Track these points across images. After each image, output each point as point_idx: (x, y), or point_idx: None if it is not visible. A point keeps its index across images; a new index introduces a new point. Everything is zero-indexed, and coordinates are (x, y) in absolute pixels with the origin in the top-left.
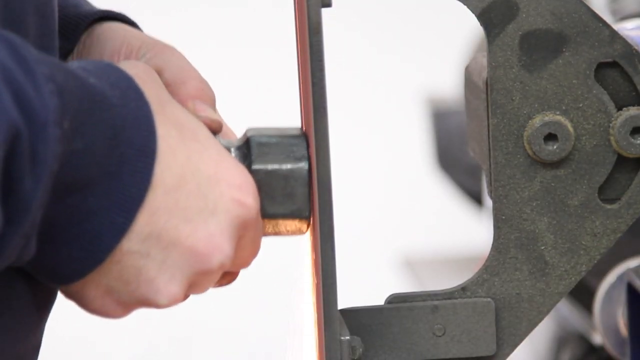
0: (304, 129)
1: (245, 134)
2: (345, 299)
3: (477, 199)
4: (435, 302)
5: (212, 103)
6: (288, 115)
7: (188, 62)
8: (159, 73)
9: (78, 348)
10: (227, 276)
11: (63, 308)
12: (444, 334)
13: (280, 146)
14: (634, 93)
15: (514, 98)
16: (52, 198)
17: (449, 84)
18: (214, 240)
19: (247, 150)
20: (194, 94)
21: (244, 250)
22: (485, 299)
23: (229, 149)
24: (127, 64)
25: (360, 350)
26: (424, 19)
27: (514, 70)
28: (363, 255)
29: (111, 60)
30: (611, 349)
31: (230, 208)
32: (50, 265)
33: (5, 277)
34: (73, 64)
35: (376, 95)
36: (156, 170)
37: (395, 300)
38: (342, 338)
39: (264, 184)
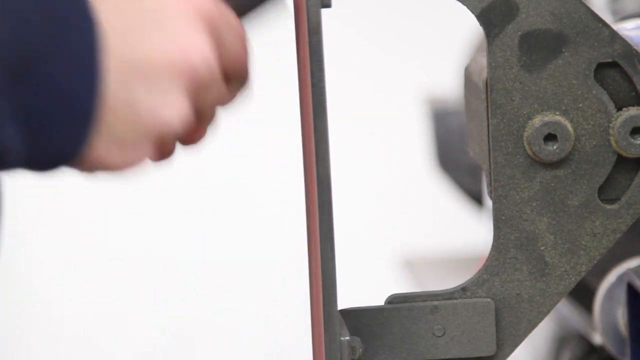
0: (303, 129)
1: None
2: (345, 299)
3: (477, 199)
4: (435, 303)
5: None
6: (288, 116)
7: None
8: None
9: (81, 348)
10: (234, 81)
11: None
12: (444, 334)
13: None
14: (633, 93)
15: (513, 98)
16: (15, 85)
17: (449, 84)
18: (180, 42)
19: None
20: None
21: (227, 47)
22: (485, 299)
23: None
24: None
25: (360, 350)
26: (424, 19)
27: (513, 70)
28: (363, 255)
29: None
30: (611, 349)
31: (181, 5)
32: (56, 150)
33: None
34: None
35: (376, 95)
36: (97, 14)
37: (395, 300)
38: (342, 338)
39: None
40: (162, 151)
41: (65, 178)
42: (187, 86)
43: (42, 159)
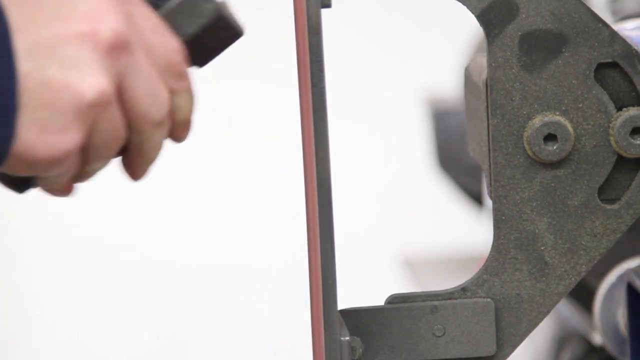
0: (303, 129)
1: None
2: (345, 299)
3: (477, 199)
4: (435, 303)
5: None
6: (288, 116)
7: None
8: None
9: (75, 350)
10: (164, 65)
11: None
12: (444, 334)
13: None
14: (633, 93)
15: (513, 98)
16: None
17: (449, 84)
18: (91, 16)
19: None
20: None
21: (143, 27)
22: (485, 300)
23: None
24: None
25: (360, 350)
26: (423, 19)
27: (513, 70)
28: (363, 255)
29: None
30: (611, 349)
31: None
32: None
33: None
34: None
35: (376, 95)
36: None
37: (395, 300)
38: (342, 338)
39: (175, 18)
40: (99, 128)
41: None
42: (99, 54)
43: None
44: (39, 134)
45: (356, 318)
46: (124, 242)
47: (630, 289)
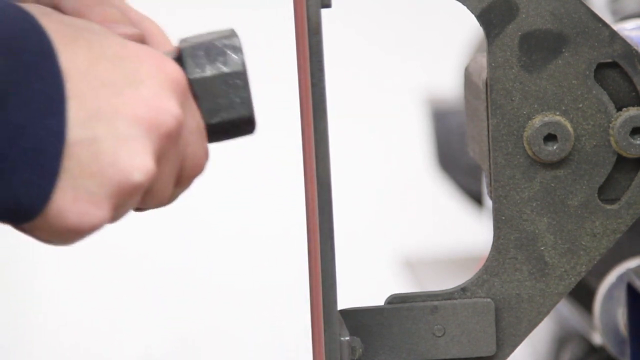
0: (303, 129)
1: (176, 47)
2: (345, 299)
3: (477, 199)
4: (435, 303)
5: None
6: (287, 116)
7: None
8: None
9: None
10: (188, 169)
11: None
12: (443, 335)
13: (213, 49)
14: (633, 93)
15: (513, 98)
16: None
17: (449, 84)
18: (153, 101)
19: (179, 60)
20: (103, 17)
21: (189, 125)
22: (485, 300)
23: None
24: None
25: (360, 350)
26: (423, 19)
27: (513, 70)
28: (363, 255)
29: None
30: (611, 349)
31: (154, 73)
32: (11, 202)
33: None
34: None
35: (376, 95)
36: (62, 61)
37: (395, 300)
38: (342, 338)
39: (203, 90)
40: (122, 211)
41: None
42: (152, 142)
43: (1, 206)
44: (73, 201)
45: (356, 318)
46: (132, 244)
47: (630, 289)
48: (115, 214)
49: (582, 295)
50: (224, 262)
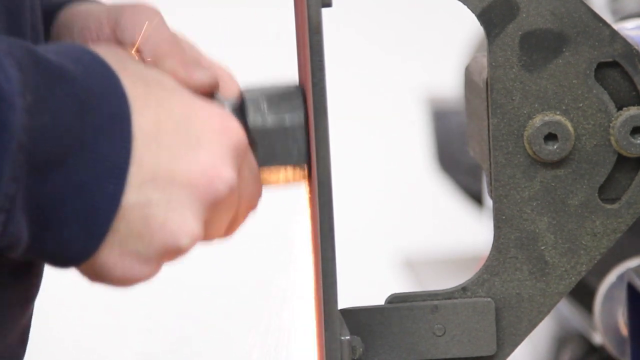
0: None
1: (240, 93)
2: (345, 299)
3: (477, 199)
4: (435, 302)
5: (198, 63)
6: None
7: (162, 27)
8: (134, 44)
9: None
10: (242, 212)
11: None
12: (444, 334)
13: (275, 101)
14: (634, 93)
15: (514, 98)
16: (35, 178)
17: (449, 84)
18: (210, 169)
19: (242, 108)
20: (178, 61)
21: (246, 179)
22: (485, 299)
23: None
24: (91, 45)
25: (361, 350)
26: (424, 18)
27: (514, 70)
28: (363, 255)
29: (80, 35)
30: (611, 348)
31: (216, 137)
32: (56, 251)
33: None
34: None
35: (376, 95)
36: (132, 115)
37: (395, 300)
38: (342, 338)
39: (262, 138)
40: (161, 262)
41: None
42: (203, 208)
43: (48, 254)
44: (120, 257)
45: (356, 317)
46: None
47: (631, 288)
48: (160, 268)
49: (582, 295)
50: (224, 262)
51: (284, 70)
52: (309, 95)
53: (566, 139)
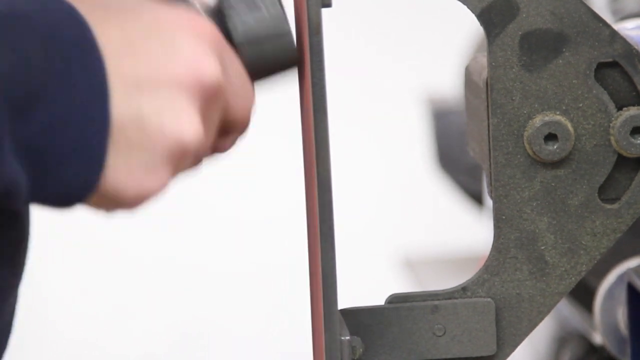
0: (303, 129)
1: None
2: (345, 299)
3: (477, 199)
4: (436, 302)
5: None
6: (288, 115)
7: None
8: None
9: (85, 351)
10: (238, 118)
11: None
12: (444, 334)
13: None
14: (634, 93)
15: (514, 98)
16: (17, 121)
17: (449, 84)
18: (191, 62)
19: (218, 12)
20: None
21: (231, 76)
22: (485, 299)
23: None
24: None
25: (361, 350)
26: (423, 18)
27: (514, 70)
28: (363, 255)
29: None
30: (611, 348)
31: (189, 34)
32: (60, 191)
33: None
34: None
35: (376, 95)
36: (98, 36)
37: (395, 300)
38: (342, 338)
39: (247, 39)
40: (181, 170)
41: None
42: (197, 105)
43: (52, 196)
44: (128, 174)
45: (356, 318)
46: (135, 238)
47: (631, 288)
48: (175, 175)
49: (582, 295)
50: (224, 262)
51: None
52: (309, 95)
53: (566, 139)
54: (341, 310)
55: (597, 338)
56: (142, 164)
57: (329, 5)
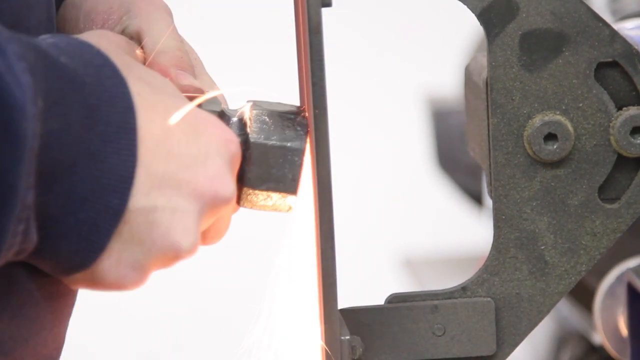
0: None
1: (244, 106)
2: (345, 299)
3: (477, 199)
4: (435, 302)
5: (192, 72)
6: None
7: (170, 26)
8: (139, 36)
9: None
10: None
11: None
12: (444, 334)
13: (279, 122)
14: (634, 93)
15: (514, 98)
16: (41, 186)
17: (449, 83)
18: (215, 180)
19: (244, 122)
20: (174, 63)
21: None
22: (485, 299)
23: (223, 118)
24: (96, 33)
25: (360, 350)
26: (424, 18)
27: (514, 70)
28: (363, 255)
29: (88, 17)
30: (611, 348)
31: (221, 149)
32: (53, 260)
33: (15, 281)
34: (45, 40)
35: (376, 95)
36: (140, 124)
37: (395, 300)
38: (342, 338)
39: (259, 156)
40: (152, 270)
41: None
42: (204, 217)
43: (45, 264)
44: (116, 264)
45: (356, 317)
46: None
47: (630, 288)
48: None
49: (582, 295)
50: (225, 262)
51: (284, 70)
52: (309, 94)
53: (566, 139)
54: (341, 310)
55: (597, 338)
56: (132, 259)
57: (329, 4)
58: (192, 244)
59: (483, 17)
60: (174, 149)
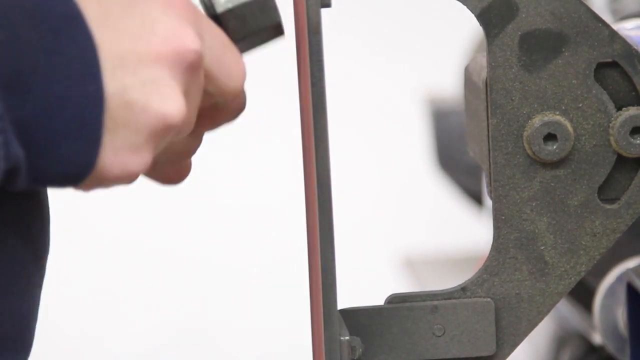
0: (303, 129)
1: None
2: (345, 299)
3: (477, 199)
4: (435, 302)
5: None
6: (287, 115)
7: None
8: None
9: (86, 346)
10: (227, 91)
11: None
12: (443, 334)
13: None
14: (633, 93)
15: (513, 98)
16: (13, 99)
17: (449, 84)
18: (171, 37)
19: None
20: None
21: (214, 47)
22: (485, 299)
23: None
24: None
25: (360, 350)
26: (423, 18)
27: (513, 70)
28: (363, 255)
29: None
30: (611, 348)
31: (165, 9)
32: (58, 170)
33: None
34: None
35: (376, 94)
36: (84, 15)
37: (395, 300)
38: (341, 338)
39: (233, 22)
40: (161, 148)
41: None
42: (180, 81)
43: (51, 177)
44: (113, 154)
45: (356, 318)
46: (136, 233)
47: (630, 288)
48: (155, 153)
49: (582, 295)
50: (224, 262)
51: (284, 70)
52: (308, 94)
53: (566, 139)
54: (341, 310)
55: (597, 338)
56: (127, 143)
57: (328, 5)
58: (175, 108)
59: (482, 17)
60: (119, 25)
